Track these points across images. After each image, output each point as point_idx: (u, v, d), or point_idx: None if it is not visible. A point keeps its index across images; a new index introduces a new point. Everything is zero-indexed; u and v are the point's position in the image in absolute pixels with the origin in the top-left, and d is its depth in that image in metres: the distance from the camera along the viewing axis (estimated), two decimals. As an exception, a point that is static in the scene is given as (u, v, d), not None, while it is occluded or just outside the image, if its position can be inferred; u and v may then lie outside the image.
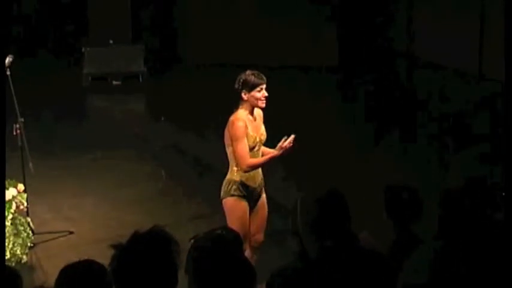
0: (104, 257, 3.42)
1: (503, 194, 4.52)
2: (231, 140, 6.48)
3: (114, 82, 13.35)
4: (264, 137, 6.65)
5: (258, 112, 6.66)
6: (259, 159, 6.54)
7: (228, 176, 6.64)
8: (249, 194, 6.61)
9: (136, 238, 3.35)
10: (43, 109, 11.47)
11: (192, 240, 3.47)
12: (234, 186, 6.59)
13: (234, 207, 6.57)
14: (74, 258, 3.69)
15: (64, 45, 14.27)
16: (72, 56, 13.78)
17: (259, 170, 6.70)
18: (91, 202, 8.91)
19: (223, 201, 6.66)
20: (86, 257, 3.68)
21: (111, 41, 13.36)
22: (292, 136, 6.43)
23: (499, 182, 5.13)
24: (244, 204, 6.58)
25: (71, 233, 8.16)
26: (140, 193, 9.13)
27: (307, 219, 3.93)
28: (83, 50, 13.31)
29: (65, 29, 14.51)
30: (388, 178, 5.36)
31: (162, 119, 11.66)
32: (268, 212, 6.84)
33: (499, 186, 4.95)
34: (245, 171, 6.50)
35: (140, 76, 13.41)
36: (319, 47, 13.53)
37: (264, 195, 6.78)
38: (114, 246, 3.33)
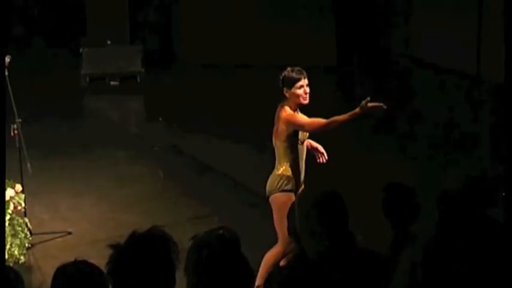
0: (102, 257, 3.41)
1: (503, 194, 4.52)
2: (294, 129, 6.52)
3: (112, 82, 13.34)
4: (307, 132, 6.73)
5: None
6: (339, 117, 6.53)
7: (278, 172, 6.64)
8: (296, 188, 6.64)
9: (134, 238, 3.35)
10: (41, 109, 11.45)
11: (192, 240, 3.47)
12: (285, 182, 6.60)
13: (286, 203, 6.54)
14: (72, 258, 3.68)
15: (62, 45, 14.24)
16: (70, 57, 13.77)
17: (303, 163, 6.71)
18: (89, 202, 8.89)
19: (272, 197, 6.64)
20: (84, 258, 3.66)
21: (109, 42, 13.35)
22: (380, 104, 6.52)
23: (496, 180, 5.12)
24: (292, 199, 6.58)
25: (69, 233, 8.15)
26: (138, 193, 9.12)
27: (306, 220, 3.93)
28: (81, 50, 13.29)
29: (63, 29, 14.49)
30: (386, 178, 5.34)
31: (160, 119, 11.65)
32: (268, 213, 6.85)
33: (496, 185, 4.95)
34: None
35: (138, 76, 13.40)
36: (318, 47, 13.52)
37: (303, 187, 6.78)
38: (111, 247, 3.33)
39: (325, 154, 6.93)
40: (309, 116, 6.67)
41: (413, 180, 6.32)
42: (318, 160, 6.94)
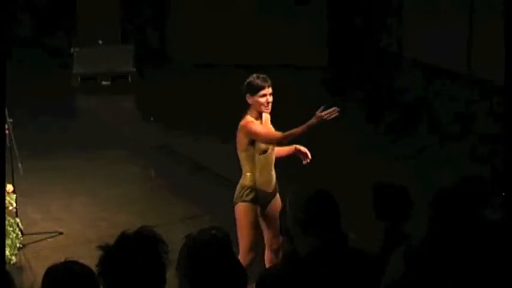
0: (93, 257, 3.40)
1: (503, 194, 4.52)
2: (251, 138, 6.42)
3: (104, 82, 13.32)
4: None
5: (265, 116, 6.61)
6: (296, 129, 6.40)
7: (241, 181, 6.57)
8: (261, 199, 6.53)
9: (124, 239, 3.34)
10: (32, 109, 11.42)
11: (184, 239, 3.46)
12: (246, 192, 6.51)
13: (245, 213, 6.48)
14: (63, 259, 3.67)
15: (53, 45, 14.21)
16: (62, 56, 13.74)
17: (273, 174, 6.62)
18: (80, 202, 8.88)
19: (235, 206, 6.57)
20: (75, 258, 3.65)
21: (100, 41, 13.33)
22: (334, 108, 6.34)
23: (489, 180, 5.12)
24: (255, 211, 6.51)
25: (61, 233, 8.13)
26: (130, 193, 9.11)
27: (297, 219, 3.92)
28: (72, 50, 13.27)
29: (54, 29, 14.46)
30: (379, 177, 5.34)
31: (152, 119, 11.64)
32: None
33: (490, 185, 4.96)
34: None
35: (129, 76, 13.38)
36: (309, 47, 13.53)
37: (277, 197, 6.67)
38: (101, 248, 3.32)
39: (309, 155, 6.78)
40: (300, 118, 6.62)
41: (405, 179, 6.32)
42: (303, 162, 6.82)
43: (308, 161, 6.80)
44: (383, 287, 3.96)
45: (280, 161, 6.77)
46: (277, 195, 6.70)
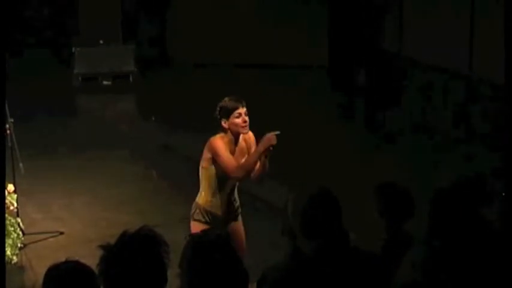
0: (94, 257, 3.41)
1: (503, 194, 4.53)
2: (213, 157, 6.18)
3: (105, 82, 13.33)
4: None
5: (247, 138, 6.35)
6: (247, 159, 6.17)
7: (196, 199, 6.38)
8: (213, 221, 6.26)
9: (124, 238, 3.34)
10: (33, 109, 11.43)
11: (189, 238, 3.47)
12: (197, 211, 6.32)
13: (193, 232, 6.09)
14: (64, 258, 3.68)
15: (55, 45, 14.22)
16: (63, 56, 13.75)
17: (233, 199, 6.36)
18: (81, 202, 8.89)
19: (190, 222, 6.37)
20: (76, 258, 3.66)
21: (101, 41, 13.34)
22: (276, 132, 6.10)
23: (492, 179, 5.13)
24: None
25: (61, 233, 8.14)
26: (131, 193, 9.12)
27: (299, 218, 3.92)
28: (74, 50, 13.28)
29: (56, 28, 14.47)
30: (381, 177, 5.36)
31: (153, 118, 11.65)
32: (259, 212, 6.84)
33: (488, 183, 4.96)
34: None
35: (130, 76, 13.39)
36: (310, 47, 13.53)
37: (237, 223, 6.44)
38: (102, 247, 3.32)
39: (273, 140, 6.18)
40: (299, 118, 6.57)
41: (406, 178, 6.34)
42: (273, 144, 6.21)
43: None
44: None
45: (280, 162, 6.75)
46: (238, 221, 6.44)
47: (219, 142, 6.18)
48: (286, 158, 9.56)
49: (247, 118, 6.20)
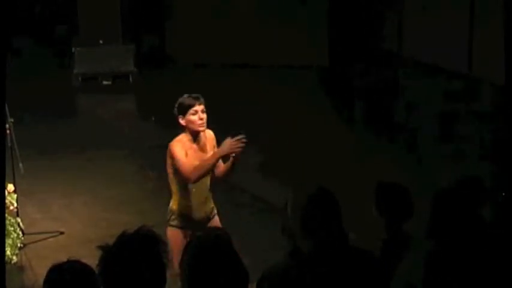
0: (94, 257, 3.41)
1: (503, 194, 4.54)
2: (172, 163, 6.19)
3: (105, 82, 13.33)
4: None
5: (208, 136, 6.37)
6: (202, 163, 6.13)
7: (169, 205, 6.38)
8: (189, 225, 6.25)
9: (124, 238, 3.35)
10: (33, 109, 11.43)
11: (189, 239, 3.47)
12: (173, 216, 6.33)
13: (170, 238, 6.13)
14: (64, 258, 3.68)
15: (54, 44, 14.22)
16: (63, 56, 13.75)
17: (205, 200, 6.37)
18: (81, 202, 8.89)
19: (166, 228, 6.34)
20: (76, 257, 3.66)
21: (101, 41, 13.34)
22: (239, 137, 6.08)
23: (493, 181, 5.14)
24: (181, 236, 6.20)
25: (61, 233, 8.15)
26: (131, 193, 9.12)
27: (299, 218, 3.93)
28: (73, 50, 13.28)
29: (55, 28, 14.47)
30: (380, 177, 5.35)
31: (153, 118, 11.64)
32: (259, 212, 6.85)
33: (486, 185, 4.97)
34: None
35: (130, 76, 13.39)
36: (310, 47, 13.53)
37: (213, 222, 6.42)
38: (101, 247, 3.33)
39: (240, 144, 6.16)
40: (299, 118, 6.57)
41: (406, 179, 6.33)
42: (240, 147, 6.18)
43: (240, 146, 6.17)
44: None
45: (278, 162, 6.76)
46: (216, 219, 6.45)
47: (176, 146, 6.20)
48: (286, 158, 9.59)
49: (204, 115, 6.24)
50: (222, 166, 6.37)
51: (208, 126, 6.38)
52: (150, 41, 14.50)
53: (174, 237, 6.17)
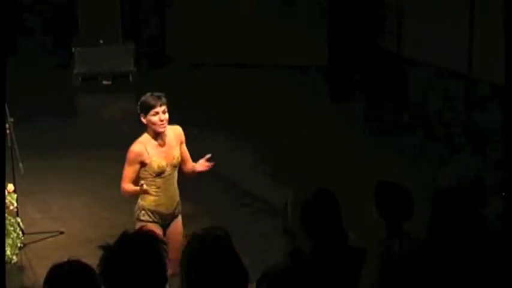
0: (94, 257, 3.42)
1: (503, 194, 4.54)
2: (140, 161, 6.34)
3: (104, 82, 13.33)
4: (176, 160, 6.45)
5: (176, 133, 6.53)
6: (131, 189, 6.35)
7: (138, 201, 6.50)
8: (159, 220, 6.44)
9: (124, 238, 3.35)
10: (33, 109, 11.43)
11: (188, 238, 3.47)
12: (143, 212, 6.45)
13: None
14: (64, 258, 3.68)
15: (54, 44, 14.22)
16: (63, 56, 13.75)
17: (175, 195, 6.52)
18: (81, 202, 8.89)
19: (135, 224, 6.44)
20: (76, 257, 3.67)
21: (101, 41, 13.34)
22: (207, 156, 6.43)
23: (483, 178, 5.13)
24: (154, 229, 6.11)
25: (61, 233, 8.15)
26: (131, 193, 9.10)
27: (299, 218, 3.93)
28: (73, 49, 13.28)
29: (55, 28, 14.47)
30: (380, 177, 5.35)
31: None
32: (259, 212, 6.83)
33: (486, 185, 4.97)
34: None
35: (130, 76, 13.39)
36: (310, 46, 13.53)
37: (178, 219, 6.57)
38: (102, 247, 3.33)
39: (208, 165, 6.68)
40: (299, 119, 6.59)
41: (406, 178, 6.33)
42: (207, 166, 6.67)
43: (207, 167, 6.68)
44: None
45: (278, 163, 6.75)
46: (179, 217, 6.59)
47: (131, 153, 6.42)
48: (286, 157, 9.59)
49: (165, 116, 6.37)
50: (190, 166, 6.62)
51: (209, 126, 6.40)
52: (150, 41, 14.49)
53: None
